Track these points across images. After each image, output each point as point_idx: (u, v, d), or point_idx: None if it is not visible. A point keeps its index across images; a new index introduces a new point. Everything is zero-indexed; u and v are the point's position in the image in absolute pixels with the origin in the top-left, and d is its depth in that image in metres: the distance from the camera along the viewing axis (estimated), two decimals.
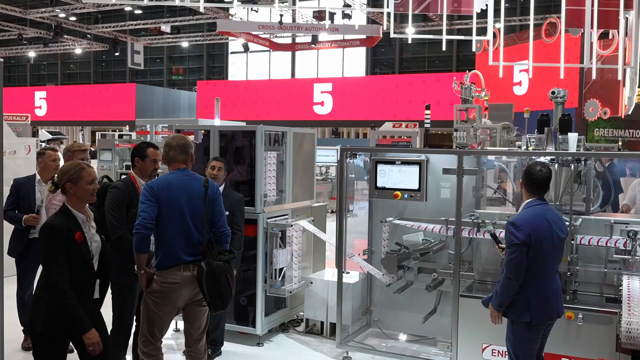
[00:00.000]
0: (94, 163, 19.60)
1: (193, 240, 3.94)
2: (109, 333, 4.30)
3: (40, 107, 33.27)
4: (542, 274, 3.80)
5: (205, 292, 3.89)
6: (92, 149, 21.74)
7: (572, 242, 4.67)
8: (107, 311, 4.45)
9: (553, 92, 5.31)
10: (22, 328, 5.47)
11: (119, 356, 4.47)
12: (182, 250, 3.93)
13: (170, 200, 3.91)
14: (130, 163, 5.97)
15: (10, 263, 5.72)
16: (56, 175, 3.79)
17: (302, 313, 6.29)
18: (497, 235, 4.38)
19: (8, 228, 5.49)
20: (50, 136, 23.41)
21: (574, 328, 4.41)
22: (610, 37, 9.24)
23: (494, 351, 4.72)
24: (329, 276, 6.08)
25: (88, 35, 32.20)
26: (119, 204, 4.25)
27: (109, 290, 4.01)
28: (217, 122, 10.68)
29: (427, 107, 11.40)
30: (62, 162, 5.23)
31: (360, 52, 31.58)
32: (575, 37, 9.16)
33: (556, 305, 3.88)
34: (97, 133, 26.43)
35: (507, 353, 3.98)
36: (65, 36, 30.61)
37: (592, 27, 8.67)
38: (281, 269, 5.82)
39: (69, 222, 3.48)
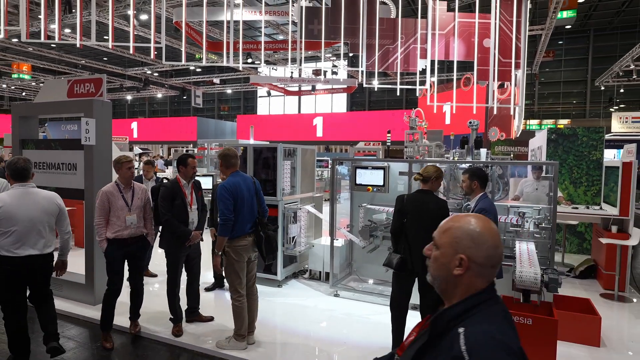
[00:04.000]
0: (169, 170, 19.51)
1: (252, 217, 3.86)
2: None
3: (133, 130, 33.10)
4: None
5: (263, 251, 3.83)
6: (169, 159, 21.65)
7: None
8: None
9: (470, 122, 5.30)
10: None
11: (171, 300, 4.18)
12: (247, 225, 3.83)
13: (240, 195, 3.78)
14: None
15: None
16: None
17: (307, 266, 6.28)
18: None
19: None
20: (140, 150, 23.26)
21: None
22: (505, 86, 9.26)
23: None
24: (325, 242, 6.07)
25: (165, 85, 31.98)
26: (166, 197, 4.07)
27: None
28: (251, 141, 10.57)
29: (388, 132, 11.37)
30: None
31: (343, 96, 31.54)
32: (483, 87, 9.19)
33: None
34: (171, 149, 26.33)
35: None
36: (151, 85, 30.43)
37: (493, 80, 8.72)
38: (293, 237, 5.83)
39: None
